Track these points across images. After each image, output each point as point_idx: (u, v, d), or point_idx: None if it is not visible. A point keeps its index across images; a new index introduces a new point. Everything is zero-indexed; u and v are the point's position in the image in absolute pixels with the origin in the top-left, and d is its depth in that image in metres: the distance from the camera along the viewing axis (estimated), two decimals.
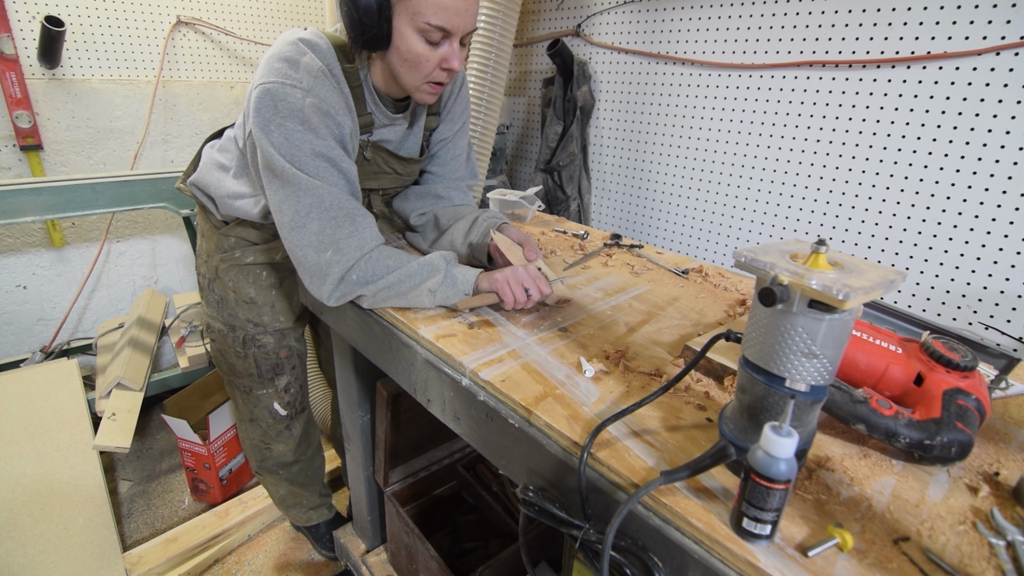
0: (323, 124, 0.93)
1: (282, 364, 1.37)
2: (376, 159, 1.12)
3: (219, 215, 1.22)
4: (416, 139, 1.18)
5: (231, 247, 1.24)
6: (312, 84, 0.92)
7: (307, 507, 1.60)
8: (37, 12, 1.96)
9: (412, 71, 0.94)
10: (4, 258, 2.08)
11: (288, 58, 0.92)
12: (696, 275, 1.22)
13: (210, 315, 1.32)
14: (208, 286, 1.29)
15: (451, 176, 1.27)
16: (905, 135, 1.42)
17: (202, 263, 1.30)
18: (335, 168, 0.94)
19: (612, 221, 2.25)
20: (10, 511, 1.44)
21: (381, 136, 1.11)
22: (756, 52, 1.65)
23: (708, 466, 0.55)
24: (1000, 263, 1.33)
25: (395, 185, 1.23)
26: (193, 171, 1.25)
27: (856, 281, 0.49)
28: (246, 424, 1.45)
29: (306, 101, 0.91)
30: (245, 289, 1.26)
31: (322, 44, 0.95)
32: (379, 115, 1.07)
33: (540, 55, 2.34)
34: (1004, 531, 0.54)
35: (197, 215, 1.31)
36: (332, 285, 0.94)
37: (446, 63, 0.94)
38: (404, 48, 0.91)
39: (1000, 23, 1.23)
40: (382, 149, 1.11)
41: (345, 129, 0.97)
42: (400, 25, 0.89)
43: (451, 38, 0.92)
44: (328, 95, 0.93)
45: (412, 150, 1.19)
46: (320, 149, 0.92)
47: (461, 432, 0.85)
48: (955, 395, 0.62)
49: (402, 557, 1.33)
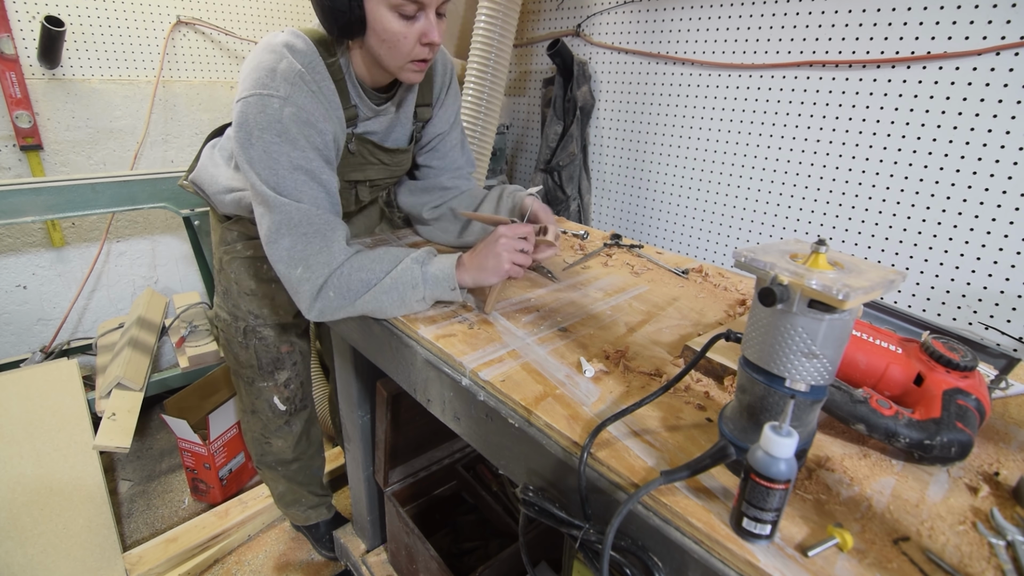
0: (302, 134, 0.92)
1: (283, 359, 1.39)
2: (361, 151, 1.11)
3: (219, 211, 1.27)
4: (404, 129, 1.17)
5: (233, 240, 1.28)
6: (290, 92, 0.91)
7: (305, 506, 1.61)
8: (37, 12, 1.96)
9: (392, 51, 0.92)
10: (4, 258, 2.08)
11: (265, 67, 0.91)
12: (696, 275, 1.22)
13: (218, 304, 1.36)
14: (216, 276, 1.35)
15: (451, 167, 1.28)
16: (905, 135, 1.42)
17: (212, 254, 1.36)
18: (314, 180, 0.94)
19: (612, 221, 2.25)
20: (10, 511, 1.44)
21: (366, 128, 1.10)
22: (756, 52, 1.65)
23: (708, 466, 0.55)
24: (1000, 263, 1.33)
25: (383, 176, 1.21)
26: (194, 168, 1.29)
27: (856, 281, 0.49)
28: (248, 416, 1.46)
29: (284, 112, 0.90)
30: (246, 281, 1.30)
31: (299, 44, 0.94)
32: (363, 107, 1.06)
33: (540, 55, 2.34)
34: (1004, 531, 0.54)
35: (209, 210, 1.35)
36: (308, 301, 0.94)
37: (425, 37, 0.92)
38: (380, 28, 0.90)
39: (1000, 23, 1.23)
40: (367, 141, 1.11)
41: (327, 136, 0.96)
42: (372, 6, 0.88)
43: (426, 9, 0.90)
44: (307, 102, 0.92)
45: (399, 140, 1.18)
46: (299, 162, 0.92)
47: (461, 432, 0.85)
48: (955, 395, 0.62)
49: (402, 557, 1.33)
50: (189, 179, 1.28)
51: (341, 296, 0.94)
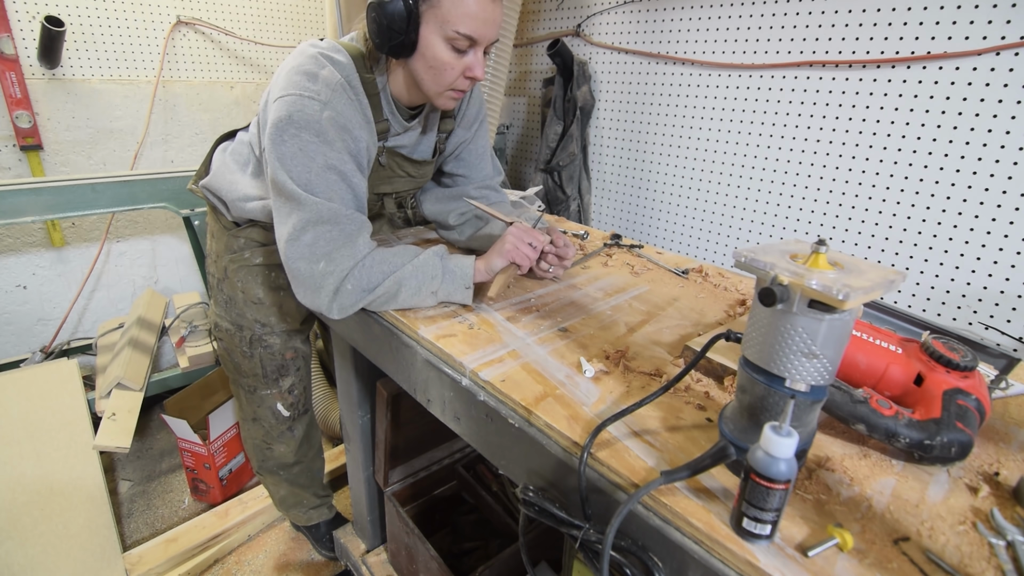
0: (339, 137, 0.94)
1: (287, 365, 1.38)
2: (391, 164, 1.14)
3: (230, 216, 1.24)
4: (429, 143, 1.21)
5: (240, 248, 1.25)
6: (330, 97, 0.93)
7: (307, 507, 1.61)
8: (37, 12, 1.96)
9: (436, 78, 0.96)
10: (4, 258, 2.08)
11: (307, 71, 0.93)
12: (696, 275, 1.22)
13: (218, 314, 1.33)
14: (217, 286, 1.31)
15: (479, 176, 1.31)
16: (905, 135, 1.42)
17: (211, 263, 1.32)
18: (344, 182, 0.95)
19: (612, 221, 2.25)
20: (10, 511, 1.44)
21: (396, 142, 1.13)
22: (756, 52, 1.65)
23: (708, 466, 0.55)
24: (1000, 263, 1.33)
25: (408, 187, 1.25)
26: (205, 173, 1.26)
27: (856, 281, 0.49)
28: (249, 424, 1.45)
29: (324, 114, 0.92)
30: (254, 290, 1.28)
31: (341, 57, 0.97)
32: (395, 123, 1.09)
33: (540, 55, 2.34)
34: (1004, 531, 0.54)
35: (208, 216, 1.32)
36: (329, 297, 0.94)
37: (469, 71, 0.97)
38: (430, 55, 0.94)
39: (1000, 23, 1.23)
40: (396, 154, 1.14)
41: (361, 143, 0.99)
42: (427, 33, 0.92)
43: (476, 47, 0.95)
44: (346, 109, 0.95)
45: (425, 153, 1.22)
46: (333, 162, 0.94)
47: (461, 432, 0.85)
48: (955, 395, 0.62)
49: (402, 557, 1.33)
50: (200, 184, 1.25)
51: (360, 288, 0.94)
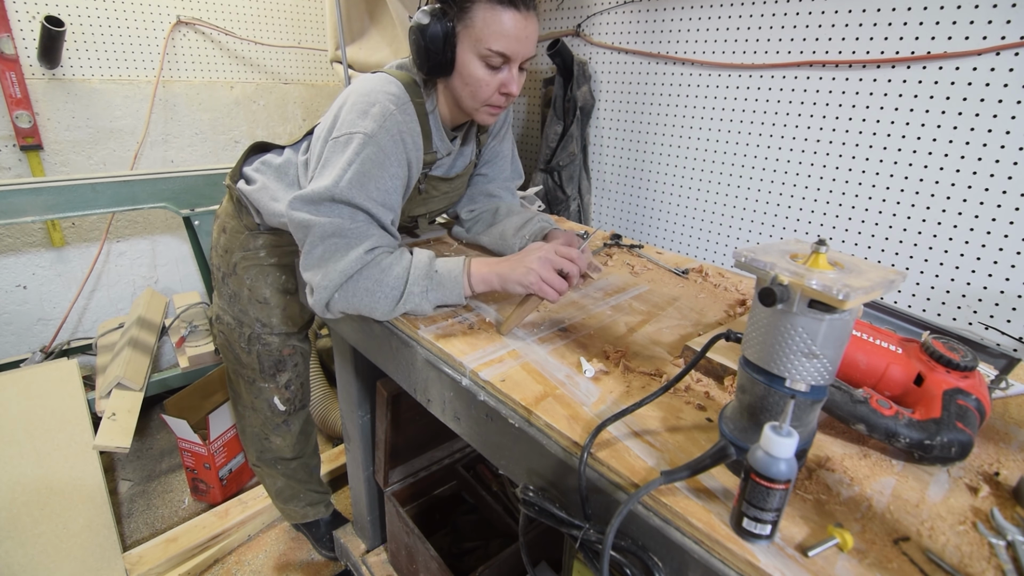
0: (394, 144, 0.96)
1: (284, 361, 1.39)
2: (428, 188, 1.18)
3: (258, 220, 1.24)
4: (466, 158, 1.24)
5: (257, 247, 1.26)
6: (401, 104, 0.98)
7: (304, 502, 1.61)
8: (37, 12, 1.96)
9: (473, 94, 1.00)
10: (4, 258, 2.08)
11: (381, 86, 0.99)
12: (696, 275, 1.22)
13: (220, 307, 1.35)
14: (222, 279, 1.32)
15: (500, 176, 1.35)
16: (905, 135, 1.42)
17: (218, 256, 1.32)
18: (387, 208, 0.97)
19: (612, 221, 2.25)
20: (10, 511, 1.44)
21: (438, 172, 1.17)
22: (756, 52, 1.65)
23: (708, 466, 0.55)
24: (1000, 263, 1.33)
25: (443, 206, 1.28)
26: (238, 175, 1.26)
27: (856, 281, 0.49)
28: (248, 412, 1.46)
29: (393, 116, 0.96)
30: (261, 289, 1.29)
31: (396, 87, 1.00)
32: (441, 146, 1.12)
33: (540, 55, 2.34)
34: (1004, 531, 0.54)
35: (224, 211, 1.31)
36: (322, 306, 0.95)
37: (504, 88, 1.00)
38: (466, 73, 0.98)
39: (1000, 23, 1.23)
40: (435, 178, 1.17)
41: (412, 155, 1.02)
42: (463, 52, 0.96)
43: (510, 64, 0.98)
44: (410, 122, 1.00)
45: (460, 167, 1.24)
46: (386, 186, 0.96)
47: (461, 432, 0.85)
48: (955, 395, 0.62)
49: (402, 557, 1.33)
50: (239, 189, 1.23)
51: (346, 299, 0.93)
